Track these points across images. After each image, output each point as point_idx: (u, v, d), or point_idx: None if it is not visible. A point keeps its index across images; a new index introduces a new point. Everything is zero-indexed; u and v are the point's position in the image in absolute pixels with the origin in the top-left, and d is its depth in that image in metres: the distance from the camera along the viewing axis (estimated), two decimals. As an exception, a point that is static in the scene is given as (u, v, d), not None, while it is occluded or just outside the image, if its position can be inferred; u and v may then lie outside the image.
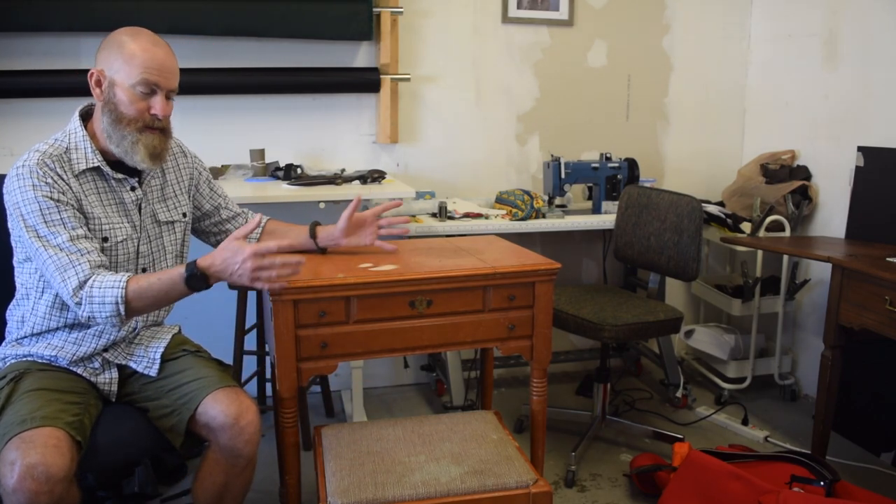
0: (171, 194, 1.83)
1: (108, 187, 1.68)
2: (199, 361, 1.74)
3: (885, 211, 2.50)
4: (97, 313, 1.53)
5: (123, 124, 1.61)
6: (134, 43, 1.60)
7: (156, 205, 1.78)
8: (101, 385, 1.70)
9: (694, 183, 3.45)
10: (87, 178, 1.65)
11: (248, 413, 1.60)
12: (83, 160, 1.63)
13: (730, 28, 3.43)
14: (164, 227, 1.80)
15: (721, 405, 3.05)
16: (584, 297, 2.67)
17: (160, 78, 1.61)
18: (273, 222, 2.02)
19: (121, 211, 1.70)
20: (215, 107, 2.91)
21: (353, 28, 2.84)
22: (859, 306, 2.21)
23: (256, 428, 1.61)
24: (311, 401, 2.98)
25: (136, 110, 1.61)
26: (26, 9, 2.54)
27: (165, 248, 1.80)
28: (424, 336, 1.77)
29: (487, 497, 1.61)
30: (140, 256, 1.75)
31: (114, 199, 1.69)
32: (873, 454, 2.68)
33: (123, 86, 1.60)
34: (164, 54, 1.63)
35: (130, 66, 1.58)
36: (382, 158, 3.13)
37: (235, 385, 1.66)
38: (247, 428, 1.59)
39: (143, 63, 1.59)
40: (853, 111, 2.88)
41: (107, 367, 1.71)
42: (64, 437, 1.44)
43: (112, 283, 1.54)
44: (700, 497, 2.05)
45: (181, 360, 1.75)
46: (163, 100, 1.64)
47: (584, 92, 3.32)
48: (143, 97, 1.61)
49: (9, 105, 2.69)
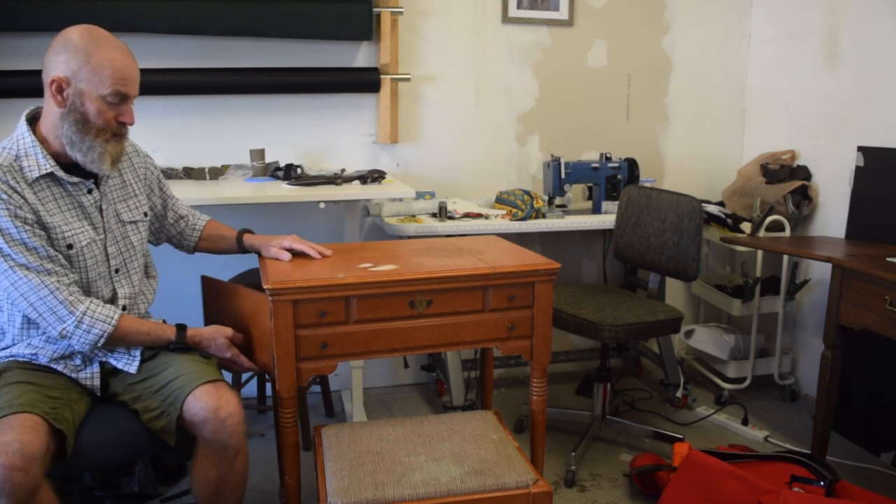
0: (131, 193, 1.83)
1: (65, 192, 1.67)
2: (178, 357, 1.74)
3: (885, 211, 2.50)
4: (77, 337, 1.61)
5: (92, 135, 1.61)
6: (100, 52, 1.58)
7: (118, 205, 1.79)
8: (84, 381, 1.69)
9: (694, 183, 3.45)
10: (41, 186, 1.63)
11: (228, 405, 1.61)
12: (35, 167, 1.61)
13: (730, 28, 3.43)
14: (129, 227, 1.80)
15: (721, 405, 3.05)
16: (584, 297, 2.67)
17: (130, 87, 1.63)
18: (211, 225, 2.04)
19: (80, 215, 1.69)
20: (215, 107, 2.91)
21: (353, 28, 2.84)
22: (859, 306, 2.21)
23: (238, 419, 1.62)
24: (311, 401, 2.98)
25: (104, 120, 1.62)
26: (26, 9, 2.54)
27: (134, 247, 1.81)
28: (424, 336, 1.77)
29: (487, 497, 1.61)
30: (110, 258, 1.75)
31: (72, 203, 1.68)
32: (873, 454, 2.68)
33: (92, 96, 1.59)
34: (129, 61, 1.64)
35: (100, 77, 1.58)
36: (382, 158, 3.13)
37: (215, 378, 1.67)
38: (227, 420, 1.60)
39: (114, 74, 1.59)
40: (853, 111, 2.88)
41: (87, 364, 1.71)
42: (40, 422, 1.46)
43: (104, 317, 1.63)
44: (700, 497, 2.05)
45: (161, 358, 1.75)
46: (131, 108, 1.66)
47: (584, 92, 3.32)
48: (111, 107, 1.62)
49: (9, 105, 2.68)
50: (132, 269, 1.80)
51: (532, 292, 1.82)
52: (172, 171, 2.81)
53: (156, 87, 2.80)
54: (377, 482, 1.60)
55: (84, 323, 1.60)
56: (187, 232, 2.01)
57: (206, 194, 2.49)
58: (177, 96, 2.85)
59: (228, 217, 2.93)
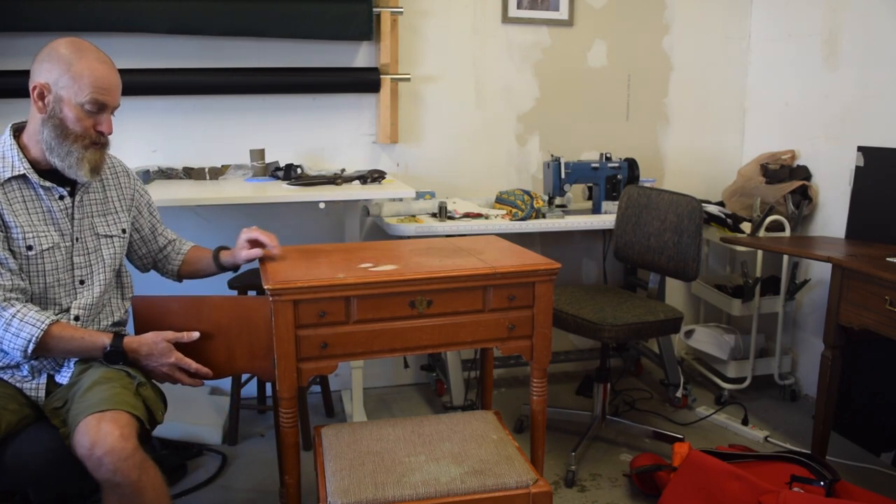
0: (111, 210, 1.84)
1: (35, 195, 1.69)
2: (98, 375, 1.63)
3: (885, 211, 2.50)
4: (6, 342, 1.57)
5: (70, 141, 1.64)
6: (82, 61, 1.62)
7: (95, 218, 1.80)
8: (29, 392, 1.68)
9: (694, 183, 3.45)
10: (12, 187, 1.65)
11: (105, 441, 1.46)
12: (8, 169, 1.65)
13: (730, 28, 3.43)
14: (104, 241, 1.81)
15: (721, 405, 3.05)
16: (584, 297, 2.67)
17: (108, 97, 1.65)
18: (194, 249, 2.04)
19: (47, 219, 1.70)
20: (215, 107, 2.91)
21: (353, 28, 2.84)
22: (859, 306, 2.21)
23: (119, 455, 1.46)
24: (311, 401, 2.98)
25: (82, 127, 1.64)
26: (26, 9, 2.54)
27: (104, 261, 1.80)
28: (424, 336, 1.77)
29: (487, 497, 1.60)
30: (76, 267, 1.74)
31: (40, 207, 1.69)
32: (873, 454, 2.68)
33: (71, 103, 1.62)
34: (110, 72, 1.66)
35: (79, 85, 1.61)
36: (382, 158, 3.13)
37: (108, 408, 1.51)
38: (104, 458, 1.45)
39: (93, 83, 1.62)
40: (853, 111, 2.88)
41: (36, 375, 1.69)
42: None
43: (34, 320, 1.57)
44: (700, 497, 2.05)
45: (88, 374, 1.66)
46: (109, 118, 1.68)
47: (584, 92, 3.32)
48: (90, 115, 1.64)
49: (9, 105, 2.68)
50: (97, 282, 1.78)
51: (532, 292, 1.82)
52: (172, 171, 2.81)
53: (156, 87, 2.80)
54: (377, 482, 1.60)
55: (13, 326, 1.56)
56: (172, 255, 2.02)
57: (206, 194, 2.49)
58: (177, 96, 2.85)
59: (229, 217, 2.95)
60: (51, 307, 1.71)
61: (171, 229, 2.06)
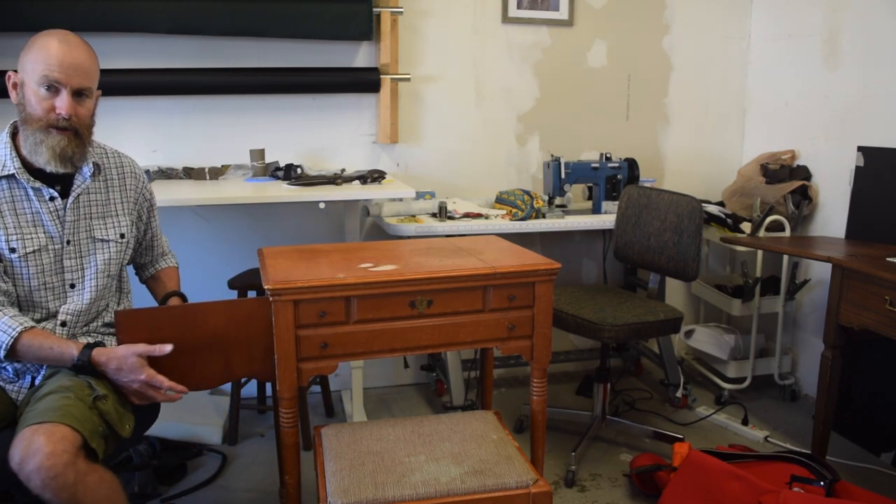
0: (111, 212, 1.79)
1: (25, 196, 1.65)
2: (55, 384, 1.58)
3: (885, 211, 2.50)
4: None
5: (32, 126, 1.60)
6: (41, 41, 1.59)
7: (93, 220, 1.75)
8: (11, 393, 1.67)
9: (694, 183, 3.45)
10: (2, 186, 1.63)
11: (35, 457, 1.38)
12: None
13: (730, 28, 3.43)
14: (98, 245, 1.76)
15: (721, 405, 3.05)
16: (584, 297, 2.67)
17: (61, 74, 1.57)
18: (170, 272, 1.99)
19: (35, 220, 1.66)
20: (215, 107, 2.91)
21: (353, 28, 2.84)
22: (859, 306, 2.21)
23: (49, 473, 1.37)
24: (311, 401, 2.98)
25: (41, 109, 1.58)
26: (26, 9, 2.54)
27: (97, 266, 1.75)
28: (424, 336, 1.77)
29: (487, 497, 1.60)
30: (66, 270, 1.70)
31: (29, 208, 1.65)
32: (873, 454, 2.68)
33: (30, 85, 1.59)
34: (68, 50, 1.58)
35: (34, 65, 1.57)
36: (382, 158, 3.13)
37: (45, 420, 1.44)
38: (33, 475, 1.38)
39: (45, 60, 1.56)
40: (853, 111, 2.88)
41: (20, 377, 1.67)
42: None
43: (5, 327, 1.52)
44: (700, 497, 2.05)
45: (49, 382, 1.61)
46: (68, 98, 1.59)
47: (584, 92, 3.32)
48: (47, 96, 1.58)
49: (9, 104, 2.68)
50: (88, 287, 1.73)
51: (532, 292, 1.82)
52: (172, 171, 2.81)
53: (156, 87, 2.80)
54: (377, 482, 1.60)
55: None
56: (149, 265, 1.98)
57: (206, 194, 2.48)
58: (177, 96, 2.85)
59: (229, 217, 2.95)
60: (36, 311, 1.68)
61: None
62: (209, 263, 2.91)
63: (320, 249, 2.00)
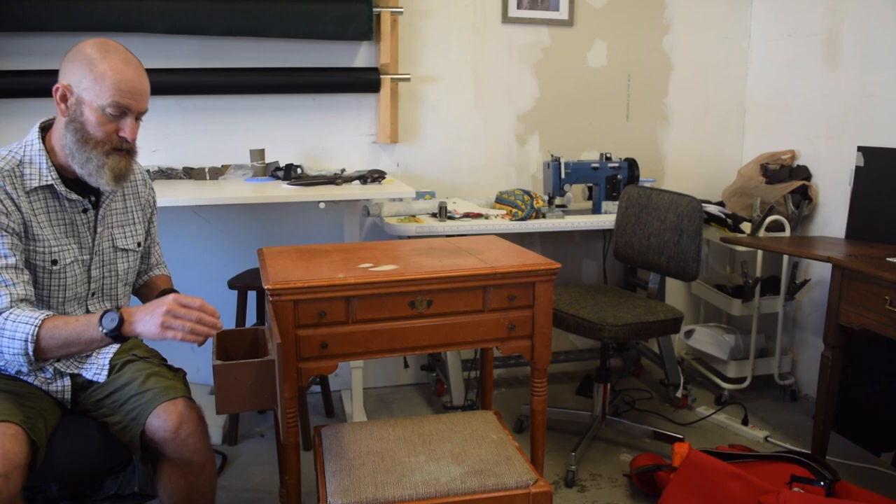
0: (129, 221, 1.80)
1: (60, 207, 1.64)
2: (145, 370, 1.69)
3: (885, 211, 2.50)
4: (5, 349, 1.46)
5: (90, 146, 1.56)
6: (105, 62, 1.54)
7: (115, 229, 1.75)
8: (55, 393, 1.67)
9: (694, 183, 3.45)
10: (38, 196, 1.59)
11: (188, 423, 1.59)
12: (36, 177, 1.58)
13: (730, 28, 3.43)
14: (120, 254, 1.76)
15: (721, 405, 3.05)
16: (584, 297, 2.67)
17: (132, 101, 1.57)
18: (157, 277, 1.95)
19: (69, 232, 1.65)
20: (215, 107, 2.91)
21: (353, 28, 2.84)
22: (859, 306, 2.21)
23: (200, 436, 1.61)
24: (311, 401, 2.98)
25: (104, 132, 1.56)
26: (26, 9, 2.54)
27: (119, 275, 1.76)
28: (424, 336, 1.77)
29: (487, 497, 1.60)
30: (91, 281, 1.71)
31: (64, 219, 1.64)
32: (873, 454, 2.68)
33: (92, 106, 1.54)
34: (135, 75, 1.58)
35: (101, 87, 1.53)
36: (382, 158, 3.13)
37: (177, 395, 1.62)
38: (189, 439, 1.58)
39: (115, 85, 1.53)
40: (853, 111, 2.88)
41: (59, 377, 1.68)
42: (20, 431, 1.43)
43: (27, 318, 1.47)
44: (700, 497, 2.05)
45: (128, 370, 1.70)
46: (133, 123, 1.59)
47: (584, 92, 3.32)
48: (112, 119, 1.56)
49: (9, 105, 2.69)
50: (108, 297, 1.75)
51: (532, 292, 1.82)
52: (172, 171, 2.81)
53: (156, 87, 2.75)
54: (377, 482, 1.60)
55: (6, 329, 1.46)
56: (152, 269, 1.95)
57: (206, 194, 2.49)
58: (177, 96, 2.85)
59: (229, 217, 2.95)
60: None
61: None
62: (209, 263, 2.91)
63: (320, 249, 2.00)
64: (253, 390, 1.54)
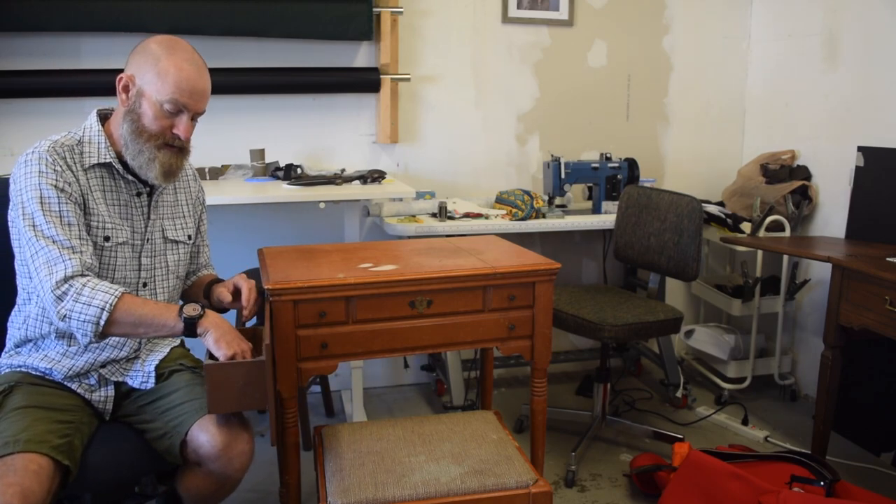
0: (180, 214, 1.80)
1: (116, 186, 1.65)
2: (193, 380, 1.70)
3: (885, 211, 2.50)
4: (76, 314, 1.46)
5: (143, 138, 1.58)
6: (170, 59, 1.56)
7: (165, 220, 1.75)
8: (96, 402, 1.66)
9: (694, 183, 3.45)
10: (95, 174, 1.61)
11: (240, 442, 1.57)
12: (95, 154, 1.60)
13: (730, 28, 3.43)
14: (170, 245, 1.76)
15: (721, 405, 3.05)
16: (584, 297, 2.67)
17: (189, 100, 1.58)
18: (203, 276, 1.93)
19: (123, 213, 1.66)
20: (215, 107, 2.87)
21: (353, 28, 2.84)
22: (859, 306, 2.21)
23: (248, 457, 1.59)
24: (311, 401, 2.98)
25: (159, 126, 1.58)
26: (26, 9, 2.54)
27: (168, 266, 1.75)
28: (424, 336, 1.77)
29: (487, 497, 1.60)
30: (142, 269, 1.70)
31: (119, 199, 1.65)
32: (873, 454, 2.68)
33: (151, 99, 1.56)
34: (197, 75, 1.59)
35: (162, 82, 1.55)
36: (382, 158, 3.13)
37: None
38: (237, 458, 1.57)
39: (176, 82, 1.55)
40: (853, 111, 2.88)
41: (103, 384, 1.67)
42: (46, 463, 1.40)
43: (107, 288, 1.49)
44: (700, 497, 2.05)
45: (176, 378, 1.71)
46: (188, 122, 1.61)
47: (584, 92, 3.32)
48: (168, 115, 1.58)
49: (9, 105, 2.69)
50: (160, 288, 1.73)
51: (532, 292, 1.82)
52: (172, 171, 2.81)
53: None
54: (377, 482, 1.60)
55: (84, 295, 1.46)
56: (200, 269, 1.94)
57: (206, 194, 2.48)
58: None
59: (229, 217, 2.95)
60: None
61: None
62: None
63: (320, 249, 2.00)
64: (244, 391, 1.52)
